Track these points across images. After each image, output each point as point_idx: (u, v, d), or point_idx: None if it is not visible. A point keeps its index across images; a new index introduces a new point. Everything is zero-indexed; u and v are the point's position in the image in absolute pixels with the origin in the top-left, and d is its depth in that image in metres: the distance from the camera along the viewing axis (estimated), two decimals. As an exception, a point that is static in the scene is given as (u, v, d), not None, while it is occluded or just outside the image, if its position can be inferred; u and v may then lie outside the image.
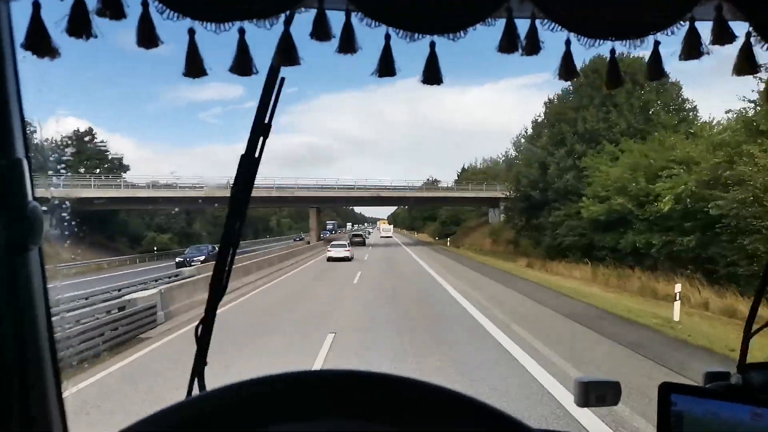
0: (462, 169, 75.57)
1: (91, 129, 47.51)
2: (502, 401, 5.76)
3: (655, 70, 0.91)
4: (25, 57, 0.80)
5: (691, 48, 0.87)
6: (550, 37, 0.87)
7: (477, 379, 6.79)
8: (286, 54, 0.83)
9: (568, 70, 0.91)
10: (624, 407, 5.43)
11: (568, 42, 0.88)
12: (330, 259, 29.93)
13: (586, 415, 5.33)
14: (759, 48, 0.88)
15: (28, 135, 0.90)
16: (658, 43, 0.88)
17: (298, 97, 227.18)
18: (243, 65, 0.83)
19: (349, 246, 32.37)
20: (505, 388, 6.42)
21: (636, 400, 5.61)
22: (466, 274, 21.90)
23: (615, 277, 18.45)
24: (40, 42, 0.75)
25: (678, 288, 11.95)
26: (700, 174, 15.72)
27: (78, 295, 13.08)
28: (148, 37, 0.78)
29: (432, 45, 0.86)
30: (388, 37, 0.83)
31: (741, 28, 0.86)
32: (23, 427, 0.86)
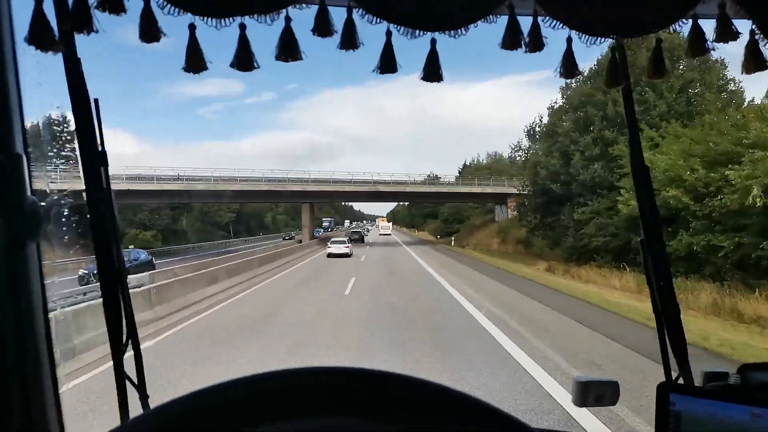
0: (464, 165, 72.43)
1: (65, 117, 43.75)
2: None
3: (697, 45, 0.91)
4: (25, 50, 0.80)
5: (696, 45, 0.91)
6: (553, 35, 0.88)
7: None
8: (288, 49, 0.85)
9: (569, 68, 0.96)
10: None
11: (570, 40, 0.91)
12: (330, 255, 30.46)
13: None
14: (762, 46, 0.89)
15: (27, 130, 0.89)
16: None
17: (298, 93, 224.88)
18: (244, 61, 0.86)
19: (348, 243, 32.91)
20: None
21: None
22: (483, 282, 18.21)
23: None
24: (42, 36, 0.77)
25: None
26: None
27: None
28: (149, 31, 0.80)
29: (433, 42, 0.88)
30: (389, 33, 0.85)
31: (744, 27, 0.88)
32: (22, 417, 0.88)
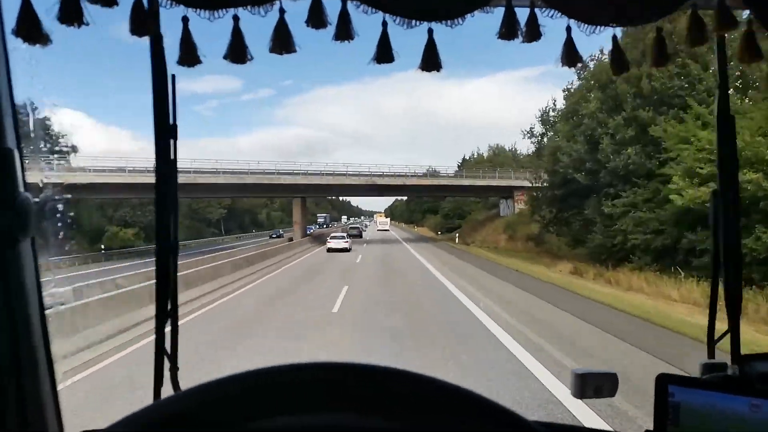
0: (463, 159, 69.21)
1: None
2: None
3: (697, 35, 0.92)
4: (16, 48, 0.79)
5: (695, 35, 0.91)
6: (550, 24, 0.86)
7: None
8: (282, 41, 0.84)
9: (570, 56, 0.94)
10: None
11: (569, 29, 0.89)
12: (330, 249, 31.89)
13: None
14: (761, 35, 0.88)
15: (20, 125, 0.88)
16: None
17: (294, 90, 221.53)
18: (238, 52, 0.85)
19: (348, 238, 34.16)
20: None
21: None
22: (504, 291, 14.88)
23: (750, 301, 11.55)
24: (30, 29, 0.76)
25: None
26: None
27: None
28: (140, 25, 0.78)
29: (430, 32, 0.87)
30: (385, 23, 0.84)
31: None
32: (18, 417, 0.86)
